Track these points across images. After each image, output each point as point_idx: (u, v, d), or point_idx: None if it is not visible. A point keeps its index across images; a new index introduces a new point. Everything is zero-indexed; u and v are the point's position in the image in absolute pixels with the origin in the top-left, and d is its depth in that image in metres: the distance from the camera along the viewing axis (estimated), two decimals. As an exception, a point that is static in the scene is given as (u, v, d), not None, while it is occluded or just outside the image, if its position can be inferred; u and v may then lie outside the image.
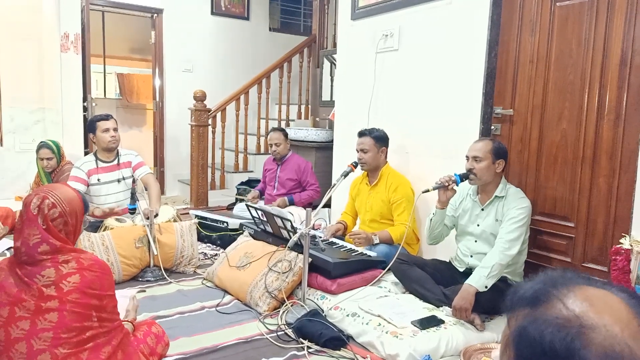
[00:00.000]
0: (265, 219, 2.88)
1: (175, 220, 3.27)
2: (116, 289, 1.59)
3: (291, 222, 2.65)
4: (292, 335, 2.20)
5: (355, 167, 2.99)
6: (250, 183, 4.95)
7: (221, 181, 5.25)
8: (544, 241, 2.53)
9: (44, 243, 1.43)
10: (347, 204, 3.29)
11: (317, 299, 2.47)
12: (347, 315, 2.27)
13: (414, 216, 2.97)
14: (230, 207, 4.63)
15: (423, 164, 3.08)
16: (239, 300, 2.58)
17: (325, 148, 4.50)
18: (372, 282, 2.55)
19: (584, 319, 0.54)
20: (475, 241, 2.44)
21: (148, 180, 3.37)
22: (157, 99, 5.76)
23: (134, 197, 3.02)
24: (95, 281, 1.46)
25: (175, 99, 5.67)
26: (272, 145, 4.07)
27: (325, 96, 5.28)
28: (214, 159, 5.10)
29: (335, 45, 4.62)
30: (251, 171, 5.39)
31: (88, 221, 3.22)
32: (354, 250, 2.74)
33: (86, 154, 4.45)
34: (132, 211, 3.02)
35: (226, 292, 2.68)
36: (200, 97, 4.69)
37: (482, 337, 2.12)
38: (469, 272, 2.35)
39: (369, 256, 2.67)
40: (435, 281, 2.43)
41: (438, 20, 2.94)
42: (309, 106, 5.59)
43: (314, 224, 2.60)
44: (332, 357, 2.04)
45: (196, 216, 3.66)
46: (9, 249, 3.14)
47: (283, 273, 2.49)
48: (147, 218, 2.86)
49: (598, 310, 0.55)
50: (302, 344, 2.11)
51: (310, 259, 2.47)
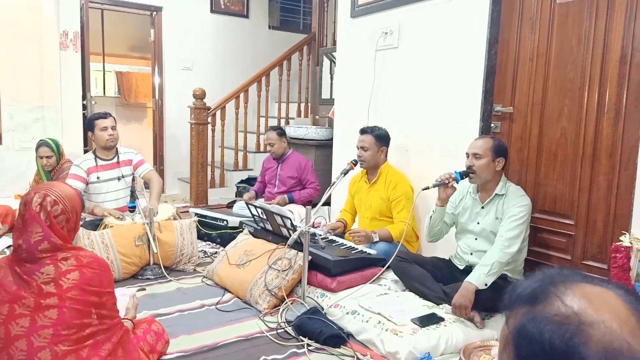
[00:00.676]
0: (265, 217, 2.88)
1: (175, 219, 3.27)
2: (116, 287, 1.60)
3: (291, 220, 2.65)
4: (292, 333, 2.20)
5: (355, 164, 2.99)
6: (249, 181, 4.95)
7: (221, 179, 5.25)
8: (543, 239, 2.53)
9: (45, 241, 1.43)
10: (346, 201, 3.28)
11: (317, 296, 2.47)
12: (347, 313, 2.27)
13: (414, 214, 2.97)
14: (230, 205, 4.62)
15: (423, 162, 3.08)
16: (238, 298, 2.58)
17: (325, 146, 4.50)
18: (372, 279, 2.55)
19: (582, 315, 0.54)
20: (476, 239, 2.44)
21: (151, 176, 3.36)
22: (157, 97, 5.75)
23: (133, 195, 3.01)
24: (95, 278, 1.46)
25: (174, 97, 5.66)
26: (267, 145, 4.10)
27: (325, 94, 5.28)
28: (213, 157, 5.10)
29: (335, 43, 4.61)
30: (251, 169, 5.39)
31: (84, 219, 3.22)
32: (353, 248, 2.74)
33: (86, 152, 4.45)
34: (132, 209, 3.02)
35: (226, 290, 2.68)
36: (200, 95, 4.69)
37: (482, 334, 2.12)
38: (468, 269, 2.35)
39: (369, 254, 2.67)
40: (435, 279, 2.43)
41: (438, 17, 2.94)
42: (309, 104, 5.58)
43: (313, 222, 2.60)
44: (332, 354, 2.04)
45: (196, 214, 3.65)
46: (8, 247, 3.13)
47: (283, 271, 2.49)
48: (147, 217, 2.86)
49: (596, 307, 0.55)
50: (302, 341, 2.11)
51: (310, 257, 2.47)
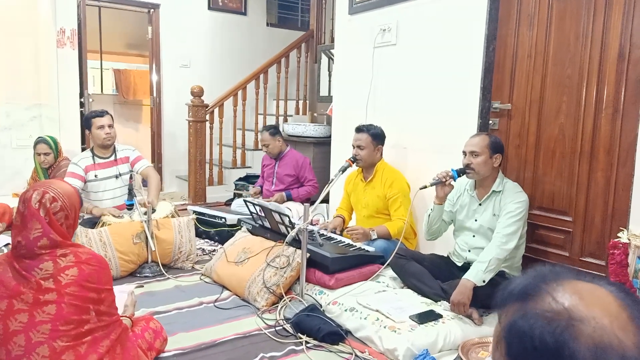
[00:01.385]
0: (263, 214, 2.88)
1: (173, 216, 3.26)
2: (114, 284, 1.59)
3: (289, 218, 2.65)
4: (291, 330, 2.20)
5: (353, 162, 2.99)
6: (248, 179, 4.94)
7: (219, 177, 5.24)
8: (541, 235, 2.53)
9: (44, 237, 1.43)
10: (342, 199, 3.28)
11: (315, 294, 2.47)
12: (345, 310, 2.27)
13: (411, 210, 2.96)
14: (228, 203, 4.62)
15: (421, 159, 3.08)
16: (237, 295, 2.58)
17: (323, 143, 4.50)
18: (372, 277, 2.55)
19: (573, 311, 0.54)
20: (473, 236, 2.44)
21: (148, 172, 3.35)
22: (155, 94, 5.73)
23: (131, 193, 3.01)
24: (93, 274, 1.46)
25: (172, 94, 5.65)
26: (262, 147, 4.11)
27: (323, 91, 5.27)
28: (211, 155, 5.09)
29: (333, 40, 4.61)
30: (249, 167, 5.38)
31: (82, 217, 3.21)
32: (351, 245, 2.74)
33: (83, 149, 4.44)
34: (130, 207, 3.01)
35: (224, 287, 2.68)
36: (198, 93, 4.68)
37: (480, 331, 2.12)
38: (467, 266, 2.35)
39: (367, 251, 2.67)
40: (433, 276, 2.43)
41: (436, 14, 2.93)
42: (307, 101, 5.57)
43: (312, 220, 2.60)
44: (331, 351, 2.04)
45: (194, 212, 3.65)
46: (6, 245, 3.13)
47: (281, 268, 2.49)
48: (143, 206, 2.85)
49: (587, 303, 0.55)
50: (301, 338, 2.11)
51: (309, 254, 2.48)
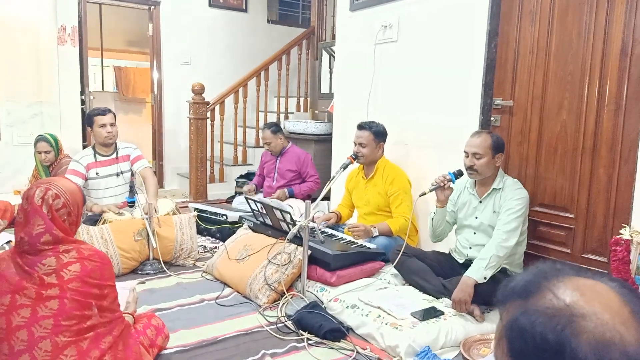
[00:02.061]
0: (264, 211, 2.87)
1: (174, 214, 3.26)
2: (116, 281, 1.59)
3: (290, 215, 2.64)
4: (292, 327, 2.20)
5: (355, 159, 2.98)
6: (249, 176, 4.94)
7: (220, 174, 5.24)
8: (543, 232, 2.53)
9: (47, 233, 1.44)
10: (344, 196, 3.28)
11: (317, 291, 2.47)
12: (347, 307, 2.27)
13: (412, 207, 2.96)
14: (230, 200, 4.62)
15: (423, 156, 3.07)
16: (238, 292, 2.58)
17: (325, 141, 4.49)
18: (375, 274, 2.55)
19: (574, 308, 0.54)
20: (474, 233, 2.44)
21: (145, 174, 3.35)
22: (155, 92, 5.73)
23: (132, 191, 3.01)
24: (96, 270, 1.47)
25: (173, 92, 5.64)
26: (264, 145, 4.12)
27: (324, 88, 5.26)
28: (212, 152, 5.09)
29: (334, 37, 4.59)
30: (250, 164, 5.38)
31: (85, 214, 3.22)
32: (353, 242, 2.74)
33: (84, 147, 4.44)
34: (131, 204, 3.01)
35: (226, 284, 2.69)
36: (199, 90, 4.67)
37: (482, 328, 2.12)
38: (468, 263, 2.35)
39: (369, 248, 2.67)
40: (434, 273, 2.43)
41: (438, 10, 2.92)
42: (308, 99, 5.57)
43: (313, 217, 2.60)
44: (332, 348, 2.04)
45: (195, 209, 3.65)
46: (7, 242, 3.13)
47: (282, 265, 2.49)
48: (146, 214, 2.85)
49: (588, 299, 0.55)
50: (302, 335, 2.12)
51: (310, 251, 2.47)
